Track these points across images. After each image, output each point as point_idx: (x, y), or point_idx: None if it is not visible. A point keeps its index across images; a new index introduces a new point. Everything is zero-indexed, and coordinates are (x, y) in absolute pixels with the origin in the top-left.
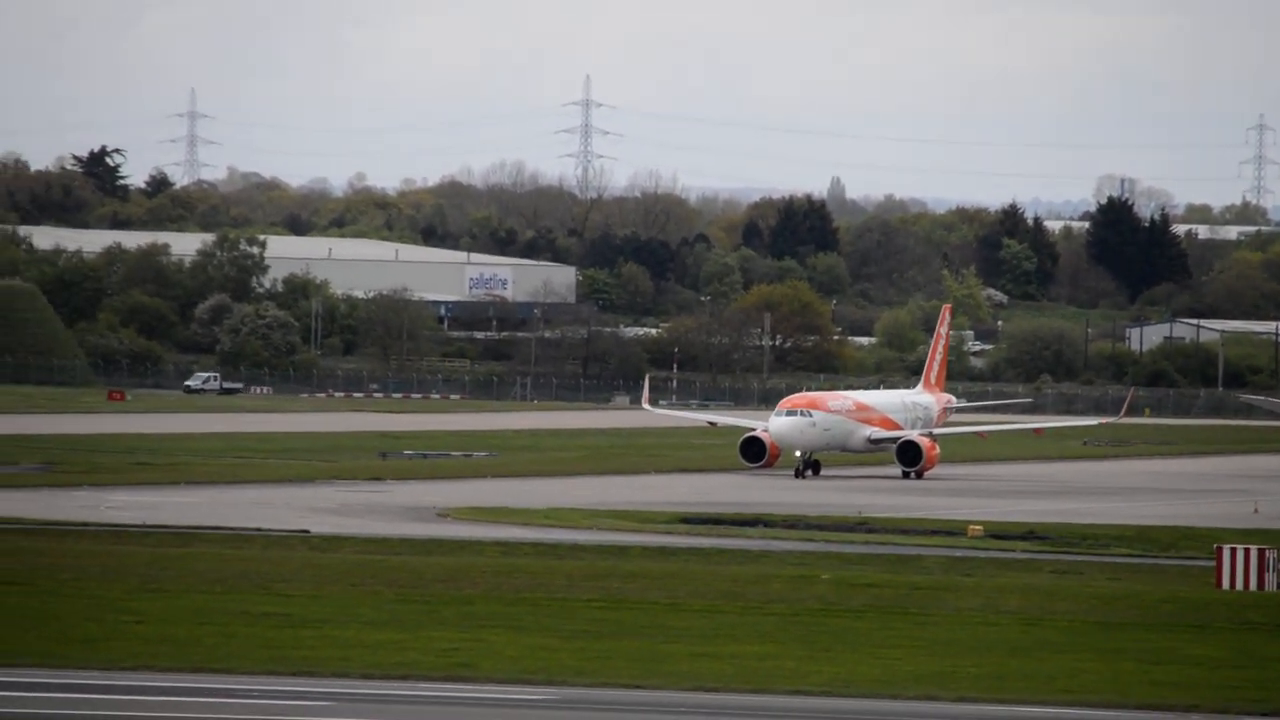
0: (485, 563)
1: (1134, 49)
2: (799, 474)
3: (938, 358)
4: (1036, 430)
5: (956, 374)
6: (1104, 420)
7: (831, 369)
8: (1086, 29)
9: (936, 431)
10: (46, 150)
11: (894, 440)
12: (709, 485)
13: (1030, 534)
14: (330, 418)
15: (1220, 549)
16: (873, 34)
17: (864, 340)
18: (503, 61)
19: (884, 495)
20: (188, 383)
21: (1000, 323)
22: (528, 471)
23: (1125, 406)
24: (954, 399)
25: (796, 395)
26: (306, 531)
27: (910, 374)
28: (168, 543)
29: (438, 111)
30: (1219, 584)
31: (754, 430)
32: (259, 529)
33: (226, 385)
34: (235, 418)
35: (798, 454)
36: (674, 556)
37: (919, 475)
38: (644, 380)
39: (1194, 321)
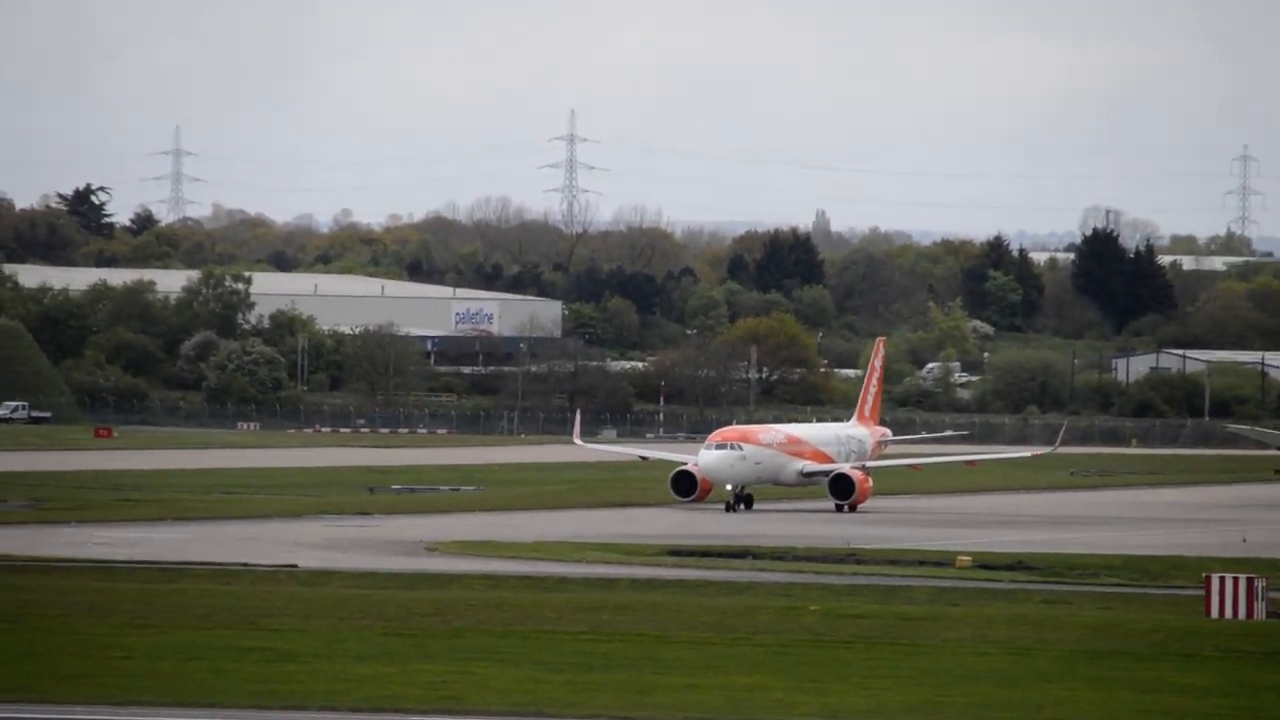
0: (473, 596)
1: (1118, 81)
2: (730, 508)
3: (872, 390)
4: (970, 463)
5: (944, 405)
6: (1037, 452)
7: (818, 401)
8: (1070, 61)
9: (870, 464)
10: (31, 188)
11: (826, 473)
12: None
13: (1019, 564)
14: (318, 453)
15: (1209, 578)
16: (858, 67)
17: (850, 372)
18: (488, 96)
19: (870, 526)
20: None
21: (986, 354)
22: (515, 505)
23: (1059, 437)
24: (889, 432)
25: (726, 429)
26: (294, 566)
27: (896, 405)
28: (155, 579)
29: (423, 147)
30: (1208, 612)
31: (685, 465)
32: (246, 564)
33: (35, 414)
34: (223, 454)
35: (729, 488)
36: (662, 588)
37: (852, 508)
38: (575, 414)
39: (1180, 352)
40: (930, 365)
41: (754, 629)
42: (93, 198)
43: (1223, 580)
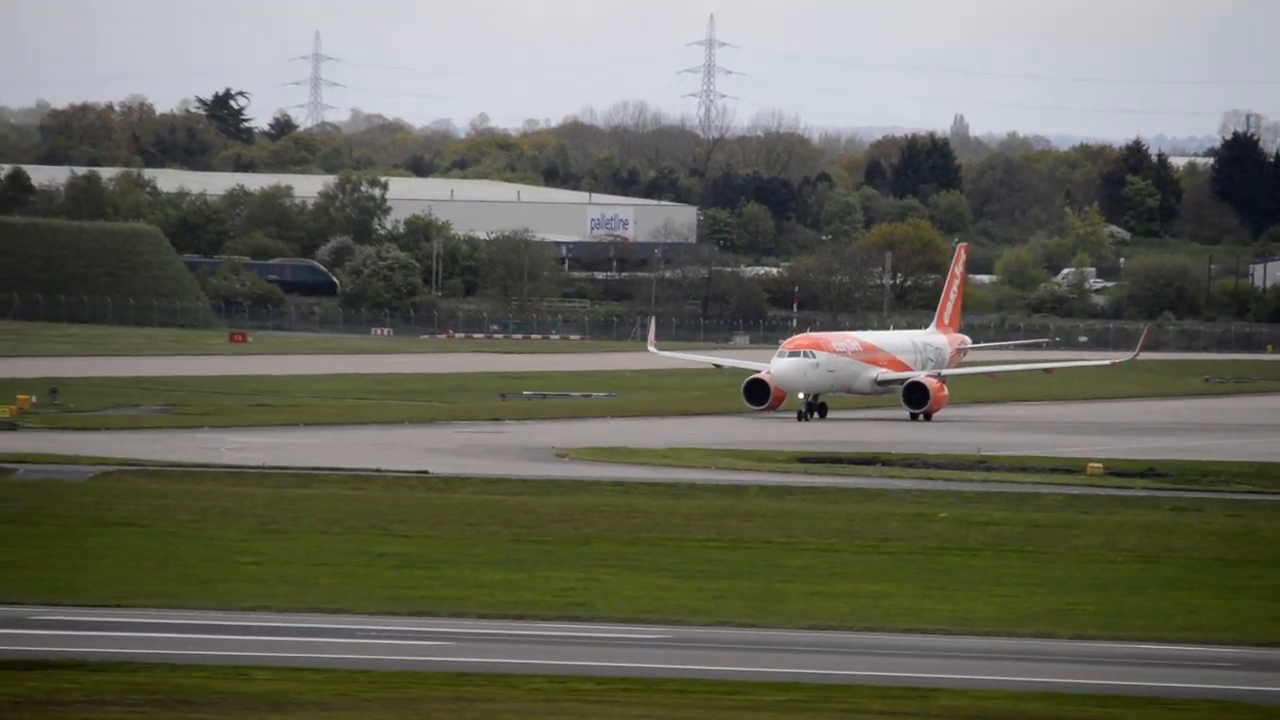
0: (602, 503)
1: None
2: (803, 416)
3: (951, 297)
4: (1048, 369)
5: (1079, 311)
6: (1116, 359)
7: None
8: None
9: (947, 372)
10: (171, 94)
11: (901, 381)
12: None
13: (1150, 471)
14: (450, 359)
15: None
16: None
17: (985, 278)
18: (626, 2)
19: (1004, 433)
20: None
21: (1123, 260)
22: (646, 411)
23: (1140, 344)
24: (968, 340)
25: (800, 335)
26: (425, 472)
27: (1031, 311)
28: (287, 484)
29: (560, 52)
30: None
31: (758, 372)
32: (378, 470)
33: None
34: (356, 359)
35: (801, 396)
36: (791, 496)
37: (927, 417)
38: (650, 321)
39: None
40: (1065, 271)
41: (882, 536)
42: (231, 102)
43: None
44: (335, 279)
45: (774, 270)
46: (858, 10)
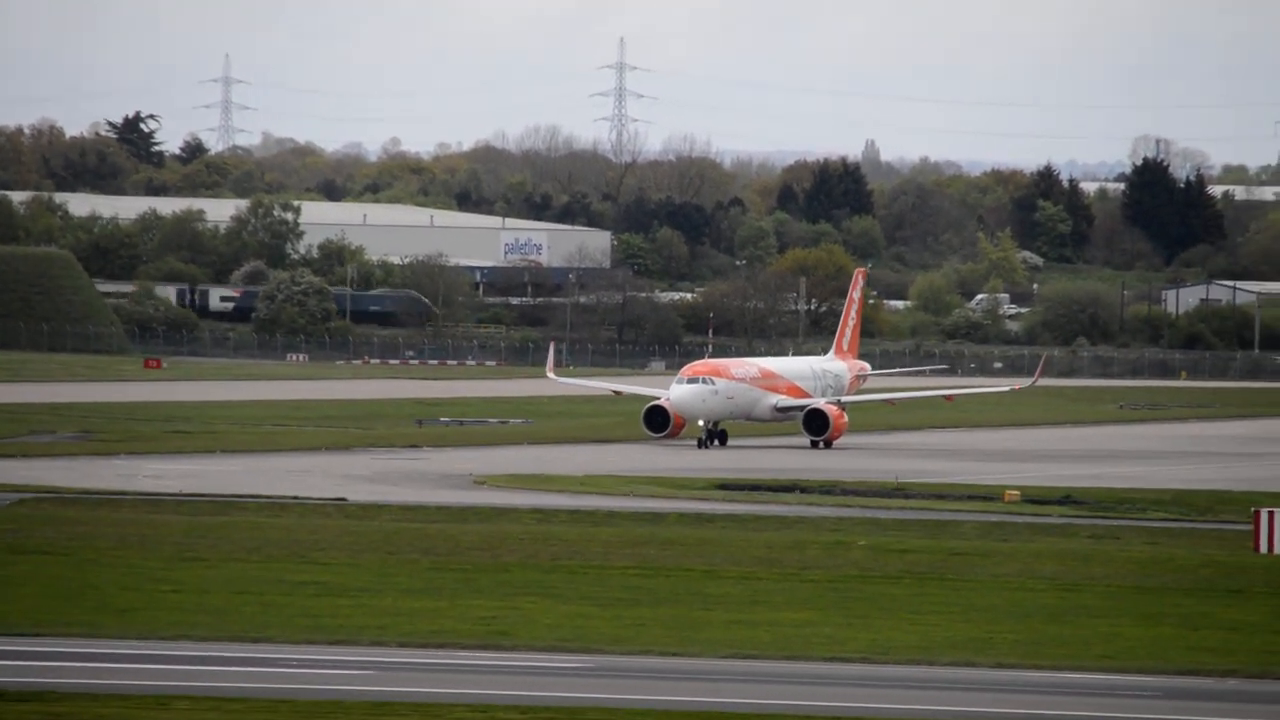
0: (521, 530)
1: (1167, 8)
2: (703, 444)
3: (850, 323)
4: (948, 397)
5: (993, 337)
6: (1016, 385)
7: (867, 333)
8: None
9: (846, 399)
10: (81, 117)
11: (801, 408)
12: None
13: (1067, 498)
14: (367, 385)
15: (1258, 512)
16: None
17: (899, 304)
18: (537, 25)
19: (920, 461)
20: None
21: (1036, 286)
22: (564, 438)
23: (1039, 370)
24: (867, 366)
25: (698, 363)
26: (344, 499)
27: (946, 337)
28: (205, 511)
29: (472, 76)
30: (1257, 548)
31: (658, 399)
32: (296, 497)
33: None
34: (272, 385)
35: (701, 423)
36: (710, 523)
37: (827, 444)
38: (549, 347)
39: (1230, 283)
40: (979, 297)
41: (802, 564)
42: (142, 125)
43: (1272, 515)
44: (434, 308)
45: (689, 295)
46: (769, 34)
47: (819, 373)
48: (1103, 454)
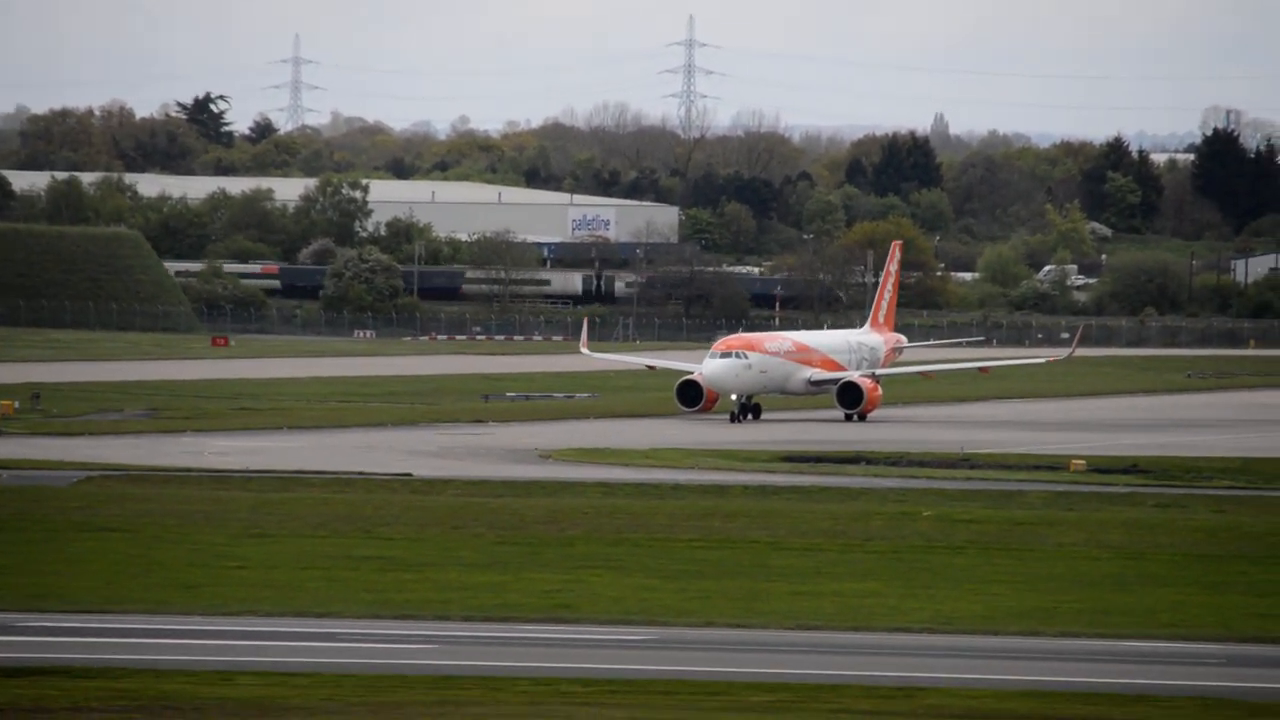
0: (586, 504)
1: None
2: (735, 418)
3: (886, 295)
4: (983, 369)
5: (1061, 308)
6: (1053, 357)
7: (935, 305)
8: None
9: (881, 372)
10: (151, 98)
11: (834, 381)
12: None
13: (1133, 467)
14: (433, 361)
15: None
16: None
17: (967, 276)
18: (607, 3)
19: (989, 431)
20: None
21: (1104, 256)
22: (630, 412)
23: (1075, 342)
24: (903, 339)
25: (732, 336)
26: (409, 474)
27: (1014, 308)
28: (270, 487)
29: (541, 53)
30: None
31: (690, 374)
32: (362, 473)
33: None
34: (339, 362)
35: (734, 397)
36: (775, 495)
37: (861, 417)
38: (583, 322)
39: None
40: (1047, 268)
41: (867, 535)
42: (212, 106)
43: None
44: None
45: (756, 270)
46: (838, 9)
47: (853, 345)
48: (1170, 423)
